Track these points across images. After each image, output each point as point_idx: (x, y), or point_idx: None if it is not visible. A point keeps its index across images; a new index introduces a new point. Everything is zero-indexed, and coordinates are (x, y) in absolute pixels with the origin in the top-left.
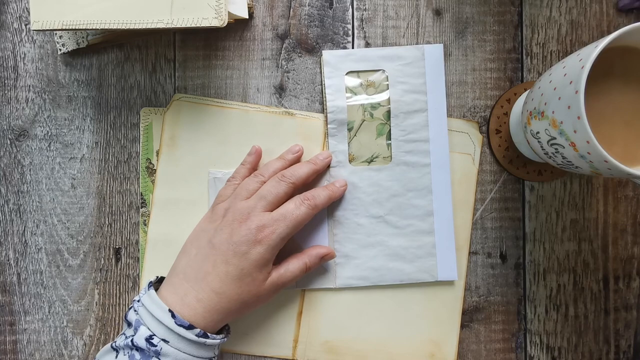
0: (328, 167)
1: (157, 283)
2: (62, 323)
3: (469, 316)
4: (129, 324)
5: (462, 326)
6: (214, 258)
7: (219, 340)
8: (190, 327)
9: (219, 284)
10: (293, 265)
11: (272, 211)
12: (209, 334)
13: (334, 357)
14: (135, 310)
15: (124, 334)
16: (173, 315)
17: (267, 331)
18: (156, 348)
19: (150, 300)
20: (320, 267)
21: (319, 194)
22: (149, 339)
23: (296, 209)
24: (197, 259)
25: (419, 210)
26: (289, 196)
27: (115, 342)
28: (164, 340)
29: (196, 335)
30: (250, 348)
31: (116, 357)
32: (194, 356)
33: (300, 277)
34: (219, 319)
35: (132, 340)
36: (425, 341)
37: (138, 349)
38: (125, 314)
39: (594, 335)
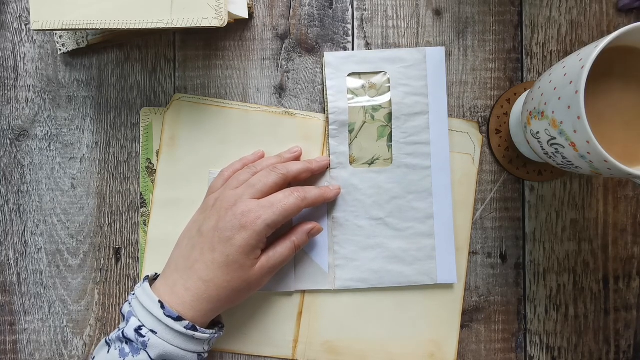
0: (325, 170)
1: (155, 280)
2: (62, 323)
3: (469, 316)
4: (123, 317)
5: (462, 326)
6: (201, 246)
7: (208, 335)
8: (179, 319)
9: (206, 271)
10: (281, 247)
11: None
12: (198, 327)
13: (334, 357)
14: (129, 303)
15: (118, 327)
16: (162, 306)
17: (267, 331)
18: (144, 339)
19: (142, 291)
20: (319, 268)
21: (311, 190)
22: (137, 330)
23: (285, 198)
24: (186, 249)
25: (419, 213)
26: (279, 187)
27: (109, 336)
28: (152, 331)
29: (185, 327)
30: (250, 348)
31: (108, 351)
32: (182, 349)
33: (291, 257)
34: (208, 309)
35: (122, 332)
36: (425, 341)
37: (127, 341)
38: (121, 308)
39: (594, 335)
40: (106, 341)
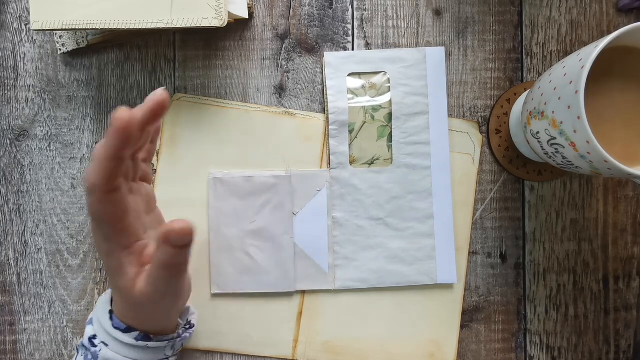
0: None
1: None
2: (62, 323)
3: (469, 316)
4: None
5: (462, 326)
6: None
7: (165, 342)
8: (128, 330)
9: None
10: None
11: None
12: (152, 336)
13: (334, 357)
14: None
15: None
16: (112, 317)
17: (267, 331)
18: (95, 349)
19: (103, 298)
20: (319, 268)
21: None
22: (91, 339)
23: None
24: None
25: (419, 213)
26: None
27: (81, 340)
28: (103, 343)
29: (135, 339)
30: (250, 348)
31: (76, 357)
32: None
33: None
34: (133, 316)
35: (82, 341)
36: (425, 341)
37: (88, 349)
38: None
39: (594, 335)
40: (77, 347)
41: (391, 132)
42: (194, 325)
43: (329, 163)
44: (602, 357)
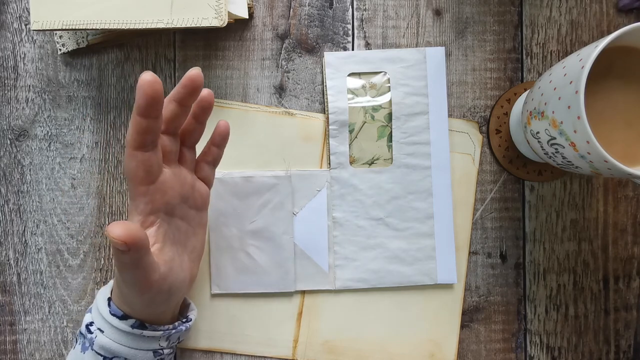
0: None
1: None
2: (62, 323)
3: (469, 316)
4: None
5: (462, 326)
6: None
7: (161, 332)
8: (124, 317)
9: None
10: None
11: None
12: (147, 325)
13: (334, 357)
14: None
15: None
16: (109, 304)
17: (267, 331)
18: (91, 336)
19: (104, 288)
20: (319, 268)
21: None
22: (88, 326)
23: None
24: None
25: (419, 213)
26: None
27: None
28: (99, 329)
29: (131, 326)
30: (250, 348)
31: (74, 347)
32: (131, 347)
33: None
34: (129, 301)
35: (80, 329)
36: (425, 341)
37: (85, 336)
38: None
39: (594, 335)
40: (76, 337)
41: (391, 132)
42: (191, 320)
43: (329, 163)
44: (602, 357)
